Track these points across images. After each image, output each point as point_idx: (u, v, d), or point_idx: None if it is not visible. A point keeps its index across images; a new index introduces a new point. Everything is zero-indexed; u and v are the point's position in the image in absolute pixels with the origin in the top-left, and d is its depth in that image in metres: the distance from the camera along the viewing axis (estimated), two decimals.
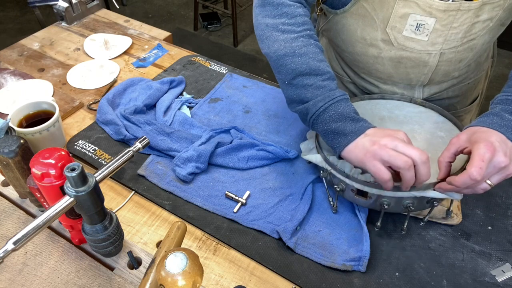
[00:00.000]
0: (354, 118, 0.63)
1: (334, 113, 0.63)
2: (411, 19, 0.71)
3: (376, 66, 0.83)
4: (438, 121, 0.77)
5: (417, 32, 0.72)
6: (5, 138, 0.60)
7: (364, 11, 0.75)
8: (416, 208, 0.66)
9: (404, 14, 0.71)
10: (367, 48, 0.80)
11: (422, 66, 0.78)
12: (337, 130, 0.63)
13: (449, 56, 0.76)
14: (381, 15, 0.73)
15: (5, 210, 0.67)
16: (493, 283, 0.64)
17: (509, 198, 0.76)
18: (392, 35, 0.75)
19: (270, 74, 2.68)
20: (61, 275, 0.59)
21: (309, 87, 0.66)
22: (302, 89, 0.66)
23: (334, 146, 0.64)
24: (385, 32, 0.75)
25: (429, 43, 0.74)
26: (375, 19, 0.74)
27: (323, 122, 0.64)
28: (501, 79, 2.46)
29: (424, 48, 0.75)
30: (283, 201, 0.75)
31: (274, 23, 0.69)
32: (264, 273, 0.66)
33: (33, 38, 1.19)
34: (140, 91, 0.96)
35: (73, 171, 0.48)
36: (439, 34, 0.72)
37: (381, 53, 0.79)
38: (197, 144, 0.81)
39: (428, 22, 0.71)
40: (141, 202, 0.76)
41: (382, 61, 0.80)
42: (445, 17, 0.69)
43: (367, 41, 0.79)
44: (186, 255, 0.45)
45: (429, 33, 0.72)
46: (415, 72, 0.80)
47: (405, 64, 0.79)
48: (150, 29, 1.23)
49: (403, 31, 0.73)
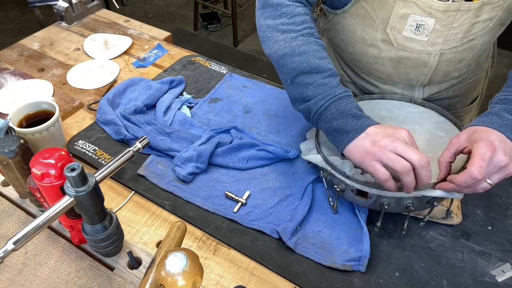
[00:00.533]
0: (356, 115, 0.63)
1: (335, 111, 0.63)
2: (411, 19, 0.71)
3: (376, 66, 0.83)
4: (438, 121, 0.77)
5: (417, 33, 0.72)
6: (5, 138, 0.60)
7: (364, 12, 0.75)
8: (416, 208, 0.66)
9: (404, 14, 0.71)
10: (367, 48, 0.80)
11: (422, 66, 0.78)
12: (339, 128, 0.63)
13: (449, 56, 0.76)
14: (380, 15, 0.73)
15: (5, 210, 0.67)
16: (493, 283, 0.64)
17: (509, 198, 0.76)
18: (392, 35, 0.75)
19: (270, 74, 2.68)
20: (61, 275, 0.59)
21: (310, 86, 0.66)
22: (304, 87, 0.66)
23: (337, 144, 0.64)
24: (385, 33, 0.75)
25: (429, 43, 0.74)
26: (375, 19, 0.74)
27: (325, 120, 0.64)
28: (501, 79, 2.46)
29: (424, 48, 0.75)
30: (283, 201, 0.75)
31: (274, 24, 0.70)
32: (264, 273, 0.66)
33: (33, 38, 1.19)
34: (140, 91, 0.96)
35: (73, 171, 0.48)
36: (439, 35, 0.72)
37: (381, 53, 0.79)
38: (197, 144, 0.81)
39: (428, 23, 0.70)
40: (141, 202, 0.76)
41: (382, 61, 0.80)
42: (445, 17, 0.69)
43: (367, 41, 0.79)
44: (186, 255, 0.45)
45: (429, 33, 0.72)
46: (415, 72, 0.80)
47: (405, 64, 0.79)
48: (150, 29, 1.23)
49: (403, 31, 0.73)
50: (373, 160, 0.58)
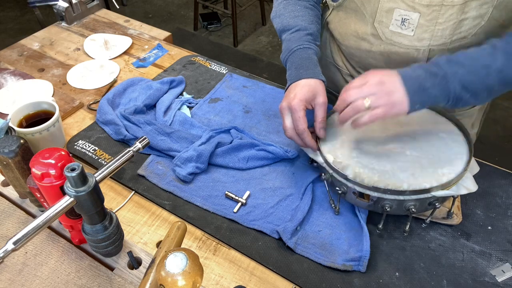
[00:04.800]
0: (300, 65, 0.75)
1: (290, 63, 0.77)
2: (396, 13, 0.72)
3: (369, 61, 0.84)
4: (439, 122, 0.76)
5: (403, 27, 0.73)
6: (5, 138, 0.60)
7: (355, 5, 0.77)
8: (418, 210, 0.66)
9: (390, 8, 0.72)
10: (360, 42, 0.81)
11: (412, 63, 0.78)
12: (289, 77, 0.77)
13: (440, 54, 0.76)
14: (369, 9, 0.75)
15: (5, 210, 0.67)
16: (493, 283, 0.64)
17: (509, 198, 0.76)
18: (379, 30, 0.76)
19: (270, 74, 2.68)
20: (61, 275, 0.59)
21: (284, 42, 0.81)
22: (284, 43, 0.81)
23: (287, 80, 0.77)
24: (374, 27, 0.77)
25: (415, 38, 0.74)
26: (364, 13, 0.76)
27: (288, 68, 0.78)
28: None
29: (411, 44, 0.75)
30: (283, 201, 0.75)
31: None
32: (264, 273, 0.66)
33: (33, 38, 1.19)
34: (140, 91, 0.96)
35: (73, 171, 0.48)
36: (425, 30, 0.72)
37: (372, 47, 0.80)
38: (197, 144, 0.81)
39: (412, 17, 0.71)
40: (141, 202, 0.76)
41: (374, 56, 0.82)
42: (429, 12, 0.70)
43: (359, 35, 0.80)
44: (186, 255, 0.45)
45: (414, 28, 0.73)
46: None
47: (394, 59, 0.79)
48: (150, 29, 1.23)
49: (390, 25, 0.75)
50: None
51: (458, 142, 0.72)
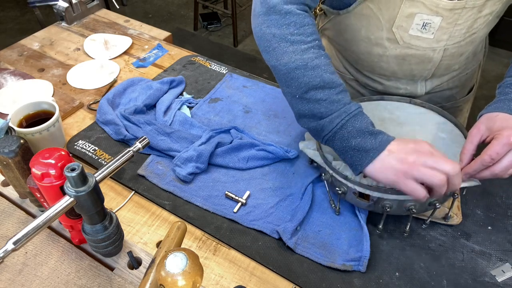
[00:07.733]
0: (373, 132, 0.60)
1: (352, 129, 0.61)
2: (418, 18, 0.72)
3: (380, 64, 0.83)
4: (439, 122, 0.77)
5: (423, 31, 0.73)
6: (5, 138, 0.60)
7: (369, 11, 0.75)
8: (418, 211, 0.66)
9: (411, 13, 0.71)
10: (372, 47, 0.80)
11: (427, 62, 0.79)
12: (357, 147, 0.60)
13: (452, 51, 0.77)
14: (387, 15, 0.74)
15: (5, 210, 0.67)
16: (493, 283, 0.64)
17: (509, 198, 0.76)
18: (398, 34, 0.75)
19: (270, 74, 2.67)
20: (61, 275, 0.59)
21: (323, 102, 0.62)
22: (315, 103, 0.63)
23: (355, 164, 0.61)
24: (391, 31, 0.75)
25: (434, 41, 0.75)
26: (381, 19, 0.75)
27: (342, 139, 0.61)
28: (500, 79, 2.45)
29: (429, 45, 0.75)
30: (283, 201, 0.75)
31: (282, 33, 0.64)
32: (264, 273, 0.66)
33: (33, 38, 1.18)
34: (140, 91, 0.96)
35: (73, 171, 0.48)
36: (444, 32, 0.73)
37: (386, 52, 0.79)
38: (197, 144, 0.81)
39: (434, 21, 0.71)
40: (141, 202, 0.76)
41: (386, 59, 0.81)
42: (451, 15, 0.70)
43: (372, 41, 0.79)
44: (186, 255, 0.45)
45: (435, 31, 0.73)
46: (419, 69, 0.81)
47: (409, 61, 0.80)
48: (150, 29, 1.23)
49: (409, 30, 0.74)
50: (407, 179, 0.57)
51: (458, 142, 0.72)
